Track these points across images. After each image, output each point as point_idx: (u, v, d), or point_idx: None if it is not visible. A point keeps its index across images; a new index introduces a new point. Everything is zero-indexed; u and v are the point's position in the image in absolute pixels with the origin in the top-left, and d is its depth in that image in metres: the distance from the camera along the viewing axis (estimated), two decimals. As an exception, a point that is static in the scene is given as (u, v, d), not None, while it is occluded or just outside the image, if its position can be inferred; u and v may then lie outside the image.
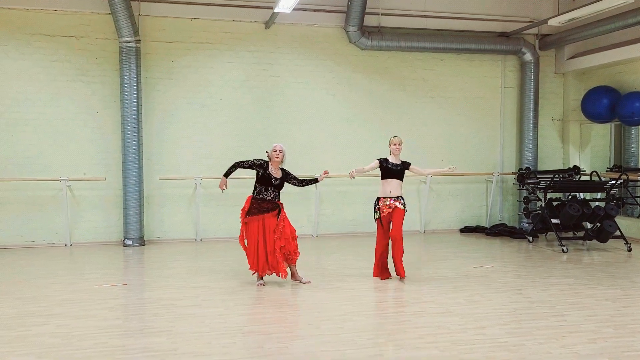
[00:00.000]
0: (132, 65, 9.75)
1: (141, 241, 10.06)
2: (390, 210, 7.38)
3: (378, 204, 7.46)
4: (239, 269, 8.06)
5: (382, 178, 7.52)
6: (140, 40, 9.92)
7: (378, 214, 7.43)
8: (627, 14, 9.62)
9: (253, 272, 7.19)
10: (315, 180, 7.46)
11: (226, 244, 10.23)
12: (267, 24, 10.56)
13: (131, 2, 9.68)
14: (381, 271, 7.54)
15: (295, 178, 7.32)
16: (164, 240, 10.45)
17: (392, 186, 7.43)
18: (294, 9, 9.56)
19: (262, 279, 7.18)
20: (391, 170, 7.47)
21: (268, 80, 10.78)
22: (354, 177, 7.55)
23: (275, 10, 9.40)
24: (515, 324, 5.70)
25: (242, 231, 7.16)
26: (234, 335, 5.34)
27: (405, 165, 7.58)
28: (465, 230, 11.64)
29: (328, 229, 11.14)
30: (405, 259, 7.64)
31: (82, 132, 10.09)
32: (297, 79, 10.90)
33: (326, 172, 7.38)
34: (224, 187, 7.22)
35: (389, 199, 7.41)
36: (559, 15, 10.01)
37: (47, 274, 7.87)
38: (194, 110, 10.51)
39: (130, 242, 9.93)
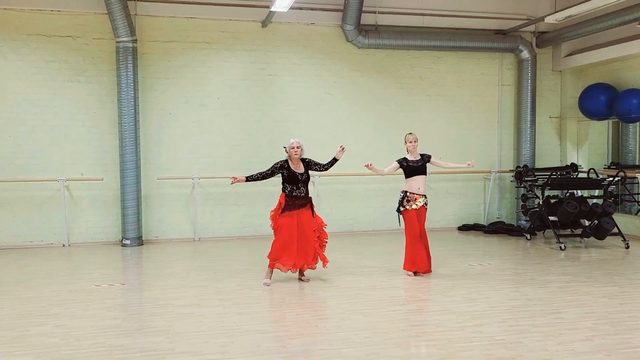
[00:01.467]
0: (129, 65, 9.75)
1: (139, 241, 10.06)
2: (418, 207, 7.47)
3: (406, 197, 7.48)
4: (238, 268, 8.08)
5: (407, 177, 7.57)
6: (137, 40, 9.91)
7: (404, 207, 7.47)
8: (624, 11, 9.62)
9: (272, 268, 7.19)
10: (334, 160, 7.40)
11: (224, 243, 10.24)
12: (264, 23, 10.56)
13: (128, 1, 9.67)
14: (415, 267, 7.55)
15: (317, 164, 7.37)
16: (162, 240, 10.45)
17: (419, 183, 7.52)
18: (290, 8, 9.54)
19: (271, 274, 7.21)
20: (414, 168, 7.53)
21: (265, 79, 10.77)
22: (369, 169, 7.49)
23: (272, 9, 9.40)
24: (513, 322, 5.71)
25: (273, 228, 7.19)
26: (232, 334, 5.34)
27: (426, 158, 7.63)
28: (463, 228, 11.65)
29: (326, 227, 11.10)
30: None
31: (80, 132, 10.08)
32: (294, 77, 10.90)
33: (342, 147, 7.33)
34: (236, 180, 7.18)
35: (417, 195, 7.48)
36: (555, 12, 10.02)
37: (45, 274, 7.86)
38: (191, 110, 10.50)
39: (128, 242, 9.92)
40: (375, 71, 11.28)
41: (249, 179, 7.22)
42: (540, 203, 10.21)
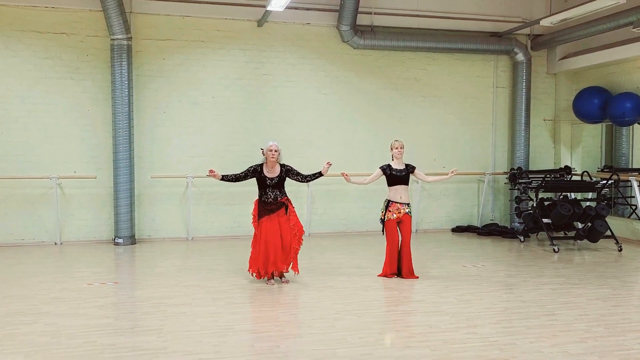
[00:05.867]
0: (123, 62, 9.69)
1: (132, 240, 10.00)
2: (401, 215, 7.41)
3: (388, 207, 7.46)
4: (231, 267, 8.05)
5: (389, 185, 7.54)
6: (131, 37, 9.86)
7: (386, 217, 7.44)
8: (619, 15, 9.66)
9: (252, 273, 7.18)
10: (319, 174, 7.35)
11: (217, 242, 10.20)
12: (260, 22, 10.53)
13: (123, -1, 9.64)
14: (391, 270, 7.53)
15: (298, 174, 7.27)
16: (155, 239, 10.40)
17: (401, 192, 7.48)
18: (286, 8, 9.54)
19: (272, 278, 7.16)
20: (396, 177, 7.48)
21: (260, 79, 10.75)
22: (349, 181, 7.60)
23: (268, 8, 9.38)
24: (507, 323, 5.71)
25: (255, 235, 7.18)
26: (224, 333, 5.31)
27: (410, 169, 7.57)
28: (457, 229, 11.66)
29: (320, 228, 11.12)
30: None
31: (73, 130, 10.02)
32: (289, 77, 10.87)
33: (329, 164, 7.26)
34: (212, 174, 7.09)
35: (399, 204, 7.44)
36: (551, 15, 10.05)
37: (36, 273, 7.80)
38: (185, 109, 10.46)
39: (121, 240, 9.87)
40: (370, 72, 11.28)
41: (224, 178, 7.15)
42: (534, 205, 10.23)
